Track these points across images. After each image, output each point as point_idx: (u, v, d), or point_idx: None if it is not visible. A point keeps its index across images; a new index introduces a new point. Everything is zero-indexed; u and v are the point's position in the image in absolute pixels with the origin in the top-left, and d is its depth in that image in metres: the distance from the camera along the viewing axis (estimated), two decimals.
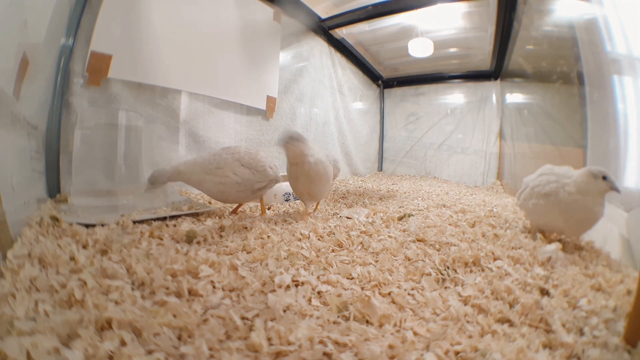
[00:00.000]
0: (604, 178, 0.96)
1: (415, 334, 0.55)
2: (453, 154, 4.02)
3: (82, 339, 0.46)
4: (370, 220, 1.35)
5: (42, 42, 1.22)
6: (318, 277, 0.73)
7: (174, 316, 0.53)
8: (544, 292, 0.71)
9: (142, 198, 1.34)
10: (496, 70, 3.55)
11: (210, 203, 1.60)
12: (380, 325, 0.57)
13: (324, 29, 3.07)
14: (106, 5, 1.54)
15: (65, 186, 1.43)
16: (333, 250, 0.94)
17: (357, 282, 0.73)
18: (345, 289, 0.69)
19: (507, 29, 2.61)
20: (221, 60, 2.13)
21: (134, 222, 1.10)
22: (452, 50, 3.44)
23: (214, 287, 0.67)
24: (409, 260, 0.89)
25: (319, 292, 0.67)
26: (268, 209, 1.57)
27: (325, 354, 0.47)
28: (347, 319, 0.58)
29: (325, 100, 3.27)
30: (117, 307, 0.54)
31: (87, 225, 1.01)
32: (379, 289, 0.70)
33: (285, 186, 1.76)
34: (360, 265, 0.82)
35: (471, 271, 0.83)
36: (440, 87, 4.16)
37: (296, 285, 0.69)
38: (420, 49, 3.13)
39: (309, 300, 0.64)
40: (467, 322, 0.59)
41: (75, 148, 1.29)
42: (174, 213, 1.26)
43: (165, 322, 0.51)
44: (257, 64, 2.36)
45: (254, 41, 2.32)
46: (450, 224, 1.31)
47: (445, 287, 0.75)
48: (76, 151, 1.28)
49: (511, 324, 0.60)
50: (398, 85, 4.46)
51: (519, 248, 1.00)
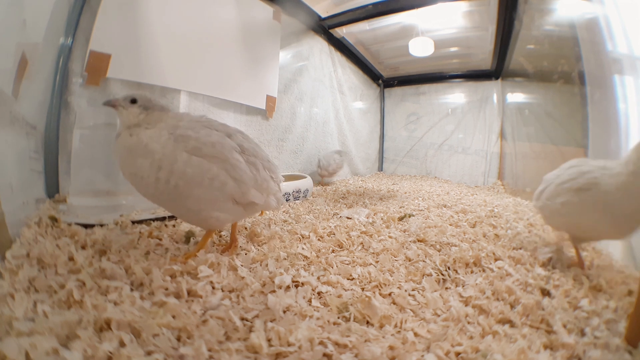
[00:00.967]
0: None
1: (416, 334, 0.55)
2: (454, 153, 4.01)
3: (81, 339, 0.45)
4: (370, 220, 1.34)
5: (41, 42, 1.22)
6: (318, 278, 0.73)
7: (173, 317, 0.53)
8: (545, 293, 0.71)
9: (141, 198, 1.34)
10: (497, 70, 3.54)
11: None
12: (381, 326, 0.57)
13: (324, 28, 3.06)
14: (105, 4, 1.53)
15: (64, 186, 1.42)
16: (333, 251, 0.94)
17: (358, 282, 0.73)
18: (345, 290, 0.68)
19: (508, 28, 2.60)
20: (221, 60, 2.12)
21: (133, 222, 1.09)
22: (453, 49, 3.43)
23: (213, 287, 0.66)
24: (410, 260, 0.88)
25: (319, 293, 0.67)
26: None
27: (325, 355, 0.47)
28: (347, 319, 0.58)
29: (325, 99, 3.26)
30: (116, 307, 0.54)
31: (86, 226, 1.01)
32: (380, 289, 0.70)
33: (286, 186, 1.75)
34: (360, 265, 0.82)
35: (472, 272, 0.83)
36: (441, 86, 4.15)
37: (296, 286, 0.69)
38: (420, 48, 3.12)
39: (309, 301, 0.64)
40: (468, 322, 0.59)
41: (74, 148, 1.28)
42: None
43: (164, 323, 0.50)
44: (256, 63, 2.36)
45: (253, 40, 2.31)
46: (451, 224, 1.30)
47: (446, 288, 0.75)
48: (75, 151, 1.28)
49: (512, 324, 0.59)
50: (398, 84, 4.45)
51: (520, 248, 0.99)
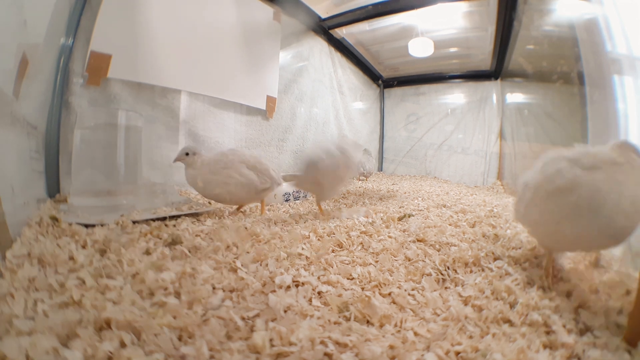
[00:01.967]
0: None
1: (415, 334, 0.55)
2: (453, 153, 4.02)
3: (81, 339, 0.46)
4: (370, 220, 1.34)
5: (41, 42, 1.22)
6: (318, 278, 0.73)
7: (174, 317, 0.53)
8: (545, 292, 0.71)
9: (142, 198, 1.34)
10: (496, 70, 3.55)
11: (210, 203, 1.60)
12: (381, 326, 0.57)
13: (324, 28, 3.07)
14: (106, 5, 1.54)
15: (64, 186, 1.42)
16: (333, 251, 0.94)
17: (358, 282, 0.73)
18: (345, 290, 0.69)
19: (507, 28, 2.61)
20: (221, 60, 2.13)
21: (134, 222, 1.10)
22: (453, 50, 3.44)
23: (214, 288, 0.66)
24: (409, 260, 0.89)
25: (319, 293, 0.67)
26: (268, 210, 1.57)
27: (326, 354, 0.47)
28: (347, 319, 0.58)
29: (325, 100, 3.26)
30: (116, 307, 0.54)
31: (86, 225, 1.01)
32: (380, 289, 0.70)
33: (286, 187, 1.76)
34: (360, 265, 0.82)
35: (471, 271, 0.83)
36: (441, 87, 4.15)
37: (297, 286, 0.69)
38: (420, 49, 3.13)
39: (310, 300, 0.64)
40: (468, 322, 0.59)
41: (75, 148, 1.29)
42: (173, 213, 1.26)
43: (165, 323, 0.50)
44: (257, 63, 2.36)
45: (254, 41, 2.32)
46: (450, 224, 1.31)
47: (446, 288, 0.75)
48: (76, 151, 1.28)
49: (511, 324, 0.60)
50: (398, 85, 4.46)
51: (519, 248, 1.00)
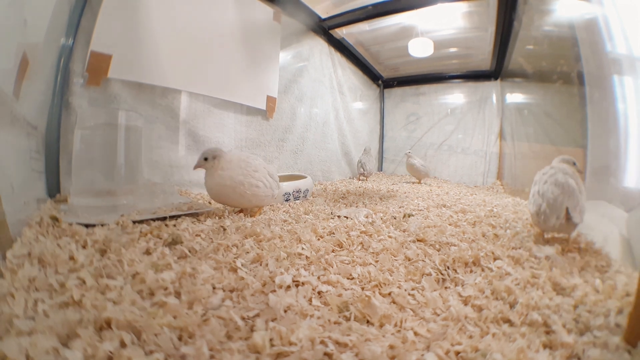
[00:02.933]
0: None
1: (415, 334, 0.55)
2: (453, 154, 4.02)
3: (81, 339, 0.46)
4: (370, 220, 1.34)
5: (42, 42, 1.22)
6: (318, 278, 0.73)
7: (174, 317, 0.53)
8: (545, 292, 0.71)
9: (142, 198, 1.34)
10: (496, 70, 3.55)
11: (210, 203, 1.60)
12: (381, 326, 0.57)
13: (324, 28, 3.07)
14: (106, 5, 1.54)
15: (65, 186, 1.42)
16: (333, 251, 0.94)
17: (358, 282, 0.73)
18: (345, 289, 0.69)
19: (507, 28, 2.61)
20: (221, 60, 2.13)
21: (134, 222, 1.10)
22: (452, 50, 3.44)
23: (214, 288, 0.67)
24: (409, 260, 0.89)
25: (319, 292, 0.67)
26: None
27: (326, 354, 0.47)
28: (347, 319, 0.58)
29: (325, 100, 3.27)
30: (116, 307, 0.54)
31: (86, 225, 1.01)
32: (379, 289, 0.70)
33: (286, 186, 1.76)
34: (360, 265, 0.82)
35: (471, 271, 0.83)
36: (441, 87, 4.15)
37: (297, 286, 0.69)
38: (420, 49, 3.13)
39: (310, 300, 0.64)
40: (468, 322, 0.59)
41: (75, 148, 1.29)
42: (173, 213, 1.26)
43: (165, 323, 0.50)
44: (257, 64, 2.36)
45: (254, 41, 2.32)
46: (450, 224, 1.31)
47: (446, 287, 0.75)
48: (76, 151, 1.28)
49: (511, 324, 0.60)
50: (398, 85, 4.46)
51: (519, 248, 1.00)
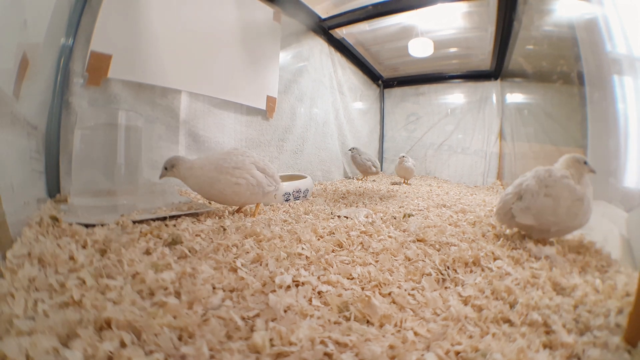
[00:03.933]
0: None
1: (415, 334, 0.55)
2: (453, 154, 4.02)
3: (81, 339, 0.46)
4: (370, 220, 1.34)
5: (42, 42, 1.22)
6: (318, 278, 0.73)
7: (174, 317, 0.53)
8: (545, 292, 0.71)
9: (142, 198, 1.34)
10: (496, 70, 3.55)
11: (210, 203, 1.60)
12: (381, 326, 0.57)
13: (324, 28, 3.07)
14: (106, 5, 1.54)
15: (65, 186, 1.42)
16: (333, 251, 0.94)
17: (358, 282, 0.73)
18: (345, 289, 0.69)
19: (507, 28, 2.61)
20: (221, 60, 2.13)
21: (134, 222, 1.10)
22: (452, 50, 3.44)
23: (214, 288, 0.67)
24: (409, 260, 0.89)
25: (319, 292, 0.67)
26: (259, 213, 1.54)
27: (326, 354, 0.47)
28: (347, 319, 0.58)
29: (325, 100, 3.27)
30: (116, 307, 0.54)
31: (86, 225, 1.01)
32: (380, 289, 0.70)
33: (286, 186, 1.76)
34: (360, 265, 0.82)
35: (471, 271, 0.83)
36: (441, 87, 4.16)
37: (297, 286, 0.69)
38: (420, 49, 3.13)
39: (310, 300, 0.64)
40: (468, 322, 0.59)
41: (75, 148, 1.29)
42: (173, 213, 1.26)
43: (165, 323, 0.50)
44: (257, 64, 2.36)
45: (254, 41, 2.32)
46: (450, 224, 1.31)
47: (446, 287, 0.75)
48: (76, 151, 1.28)
49: (511, 324, 0.60)
50: (398, 85, 4.46)
51: (519, 248, 1.00)
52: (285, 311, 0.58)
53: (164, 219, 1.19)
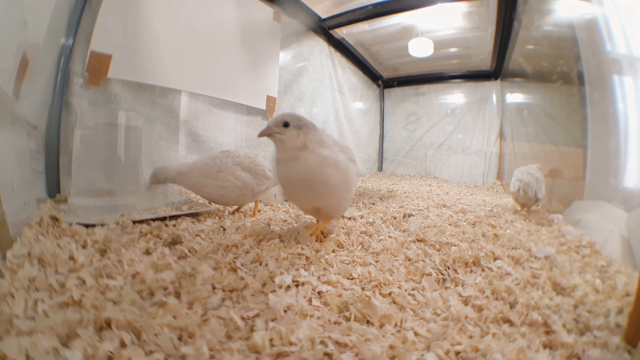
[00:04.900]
0: None
1: (415, 334, 0.55)
2: (453, 154, 4.02)
3: (81, 339, 0.46)
4: (371, 220, 1.34)
5: (42, 42, 1.22)
6: (318, 278, 0.73)
7: (174, 317, 0.53)
8: (545, 292, 0.71)
9: (142, 198, 1.34)
10: (496, 70, 3.55)
11: (210, 203, 1.60)
12: (381, 326, 0.57)
13: (324, 28, 3.07)
14: (106, 5, 1.54)
15: (65, 186, 1.42)
16: (333, 251, 0.94)
17: (358, 282, 0.73)
18: (345, 289, 0.69)
19: (507, 28, 2.61)
20: (221, 60, 2.13)
21: (134, 222, 1.10)
22: (452, 50, 3.44)
23: (213, 288, 0.66)
24: (409, 260, 0.89)
25: (319, 293, 0.67)
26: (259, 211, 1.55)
27: (326, 354, 0.47)
28: (347, 319, 0.58)
29: (325, 100, 3.27)
30: (116, 307, 0.54)
31: (86, 225, 1.01)
32: (380, 289, 0.70)
33: None
34: (360, 265, 0.82)
35: (471, 271, 0.83)
36: (441, 87, 4.15)
37: (297, 286, 0.69)
38: (420, 49, 3.13)
39: (310, 300, 0.64)
40: (468, 322, 0.59)
41: (75, 148, 1.29)
42: (173, 213, 1.26)
43: (164, 323, 0.50)
44: (257, 64, 2.36)
45: (254, 41, 2.32)
46: (450, 224, 1.31)
47: (446, 287, 0.75)
48: (76, 151, 1.28)
49: (511, 324, 0.60)
50: (398, 85, 4.46)
51: (519, 248, 1.00)
52: (285, 311, 0.58)
53: (164, 219, 1.19)
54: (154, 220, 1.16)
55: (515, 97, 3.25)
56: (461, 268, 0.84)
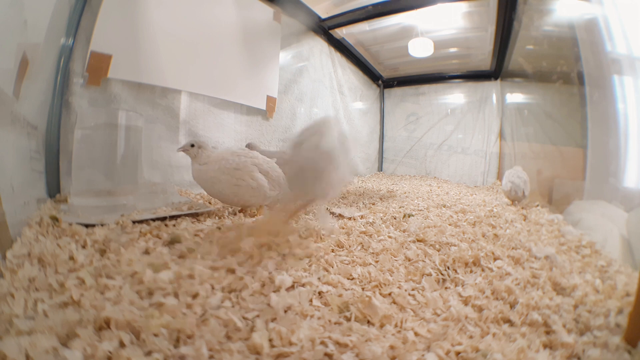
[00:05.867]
0: None
1: (416, 334, 0.55)
2: (453, 154, 4.02)
3: (80, 338, 0.46)
4: (371, 220, 1.34)
5: (42, 42, 1.22)
6: (319, 278, 0.73)
7: (173, 317, 0.53)
8: (545, 292, 0.71)
9: (142, 198, 1.34)
10: (496, 70, 3.54)
11: (210, 203, 1.60)
12: (381, 326, 0.57)
13: (324, 28, 3.06)
14: (106, 5, 1.54)
15: (65, 186, 1.42)
16: (333, 251, 0.94)
17: (358, 282, 0.73)
18: (346, 290, 0.69)
19: (507, 28, 2.61)
20: (221, 60, 2.13)
21: (134, 222, 1.10)
22: (452, 50, 3.44)
23: (213, 288, 0.66)
24: (409, 260, 0.89)
25: (319, 293, 0.67)
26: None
27: (326, 354, 0.47)
28: (348, 319, 0.58)
29: (325, 100, 3.26)
30: (115, 306, 0.54)
31: (86, 225, 1.01)
32: (380, 289, 0.70)
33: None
34: (360, 265, 0.82)
35: (471, 271, 0.83)
36: (441, 87, 4.15)
37: (297, 286, 0.69)
38: (420, 49, 3.13)
39: (310, 300, 0.64)
40: (468, 322, 0.59)
41: (75, 148, 1.29)
42: (173, 213, 1.26)
43: (163, 324, 0.50)
44: (257, 64, 2.36)
45: (254, 41, 2.32)
46: (450, 224, 1.31)
47: (446, 288, 0.75)
48: (76, 151, 1.28)
49: (512, 324, 0.60)
50: (398, 85, 4.45)
51: (519, 248, 1.00)
52: (285, 311, 0.58)
53: (163, 219, 1.19)
54: (153, 220, 1.16)
55: (515, 97, 3.25)
56: (461, 268, 0.84)
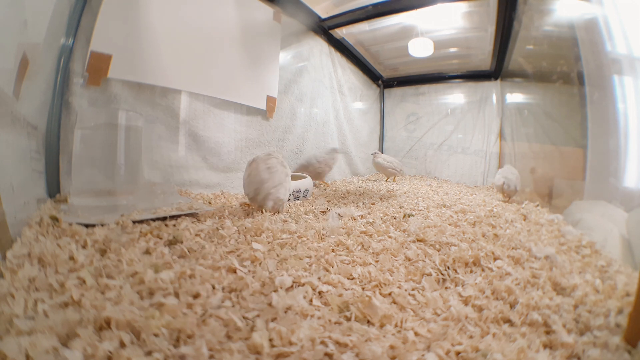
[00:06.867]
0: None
1: (416, 334, 0.55)
2: (453, 154, 4.02)
3: (81, 338, 0.46)
4: (371, 220, 1.34)
5: (42, 42, 1.22)
6: (319, 278, 0.73)
7: (173, 317, 0.53)
8: (545, 292, 0.71)
9: (142, 198, 1.34)
10: (496, 70, 3.54)
11: (210, 203, 1.60)
12: (382, 326, 0.57)
13: (324, 28, 3.06)
14: (106, 5, 1.54)
15: (65, 186, 1.42)
16: (333, 250, 0.94)
17: (358, 282, 0.73)
18: (346, 289, 0.69)
19: (507, 28, 2.61)
20: (221, 60, 2.13)
21: (134, 222, 1.10)
22: (452, 50, 3.44)
23: (213, 288, 0.66)
24: (410, 260, 0.89)
25: (319, 292, 0.67)
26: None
27: (326, 354, 0.47)
28: (348, 319, 0.58)
29: (325, 100, 3.26)
30: (116, 306, 0.54)
31: (86, 225, 1.01)
32: (380, 289, 0.70)
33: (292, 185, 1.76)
34: (360, 265, 0.82)
35: (471, 271, 0.83)
36: (441, 87, 4.15)
37: (297, 286, 0.69)
38: (420, 49, 3.12)
39: (310, 300, 0.64)
40: (468, 322, 0.59)
41: (75, 148, 1.29)
42: (174, 213, 1.26)
43: (164, 323, 0.50)
44: (257, 64, 2.36)
45: (254, 41, 2.32)
46: (450, 224, 1.31)
47: (446, 287, 0.75)
48: (76, 151, 1.28)
49: (512, 324, 0.60)
50: (398, 85, 4.45)
51: (519, 248, 1.00)
52: (285, 311, 0.58)
53: (164, 219, 1.19)
54: (154, 220, 1.16)
55: (515, 97, 3.25)
56: (461, 268, 0.84)
